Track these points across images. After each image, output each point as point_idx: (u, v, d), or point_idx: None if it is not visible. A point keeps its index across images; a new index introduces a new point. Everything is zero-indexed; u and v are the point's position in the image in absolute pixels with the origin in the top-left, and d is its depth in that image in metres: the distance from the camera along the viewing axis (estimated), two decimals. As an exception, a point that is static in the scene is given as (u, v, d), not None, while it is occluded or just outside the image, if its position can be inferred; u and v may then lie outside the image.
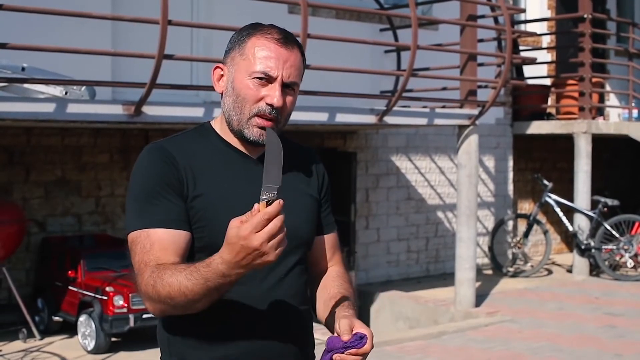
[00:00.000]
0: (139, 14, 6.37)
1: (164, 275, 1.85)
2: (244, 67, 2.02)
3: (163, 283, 1.84)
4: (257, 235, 1.70)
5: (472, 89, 8.26)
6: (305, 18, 6.36)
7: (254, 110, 2.02)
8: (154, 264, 1.91)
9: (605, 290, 9.51)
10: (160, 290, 1.84)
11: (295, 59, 2.04)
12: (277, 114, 2.02)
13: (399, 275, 10.14)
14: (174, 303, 1.85)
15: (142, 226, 1.96)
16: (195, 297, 1.82)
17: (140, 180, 2.01)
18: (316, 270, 2.24)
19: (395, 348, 6.78)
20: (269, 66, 2.00)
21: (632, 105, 11.45)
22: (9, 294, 7.08)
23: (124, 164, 7.93)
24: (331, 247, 2.26)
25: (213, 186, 2.02)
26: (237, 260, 1.74)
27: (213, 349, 2.01)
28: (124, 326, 6.44)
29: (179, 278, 1.82)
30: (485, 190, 11.06)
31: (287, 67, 2.01)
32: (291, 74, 2.02)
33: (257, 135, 2.03)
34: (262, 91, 2.01)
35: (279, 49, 2.01)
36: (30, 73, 5.86)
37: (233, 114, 2.05)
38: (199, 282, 1.79)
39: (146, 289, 1.89)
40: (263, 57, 2.00)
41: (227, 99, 2.06)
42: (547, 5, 12.51)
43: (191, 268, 1.82)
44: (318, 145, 9.24)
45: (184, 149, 2.05)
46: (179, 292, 1.82)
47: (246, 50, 2.02)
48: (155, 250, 1.93)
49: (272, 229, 1.70)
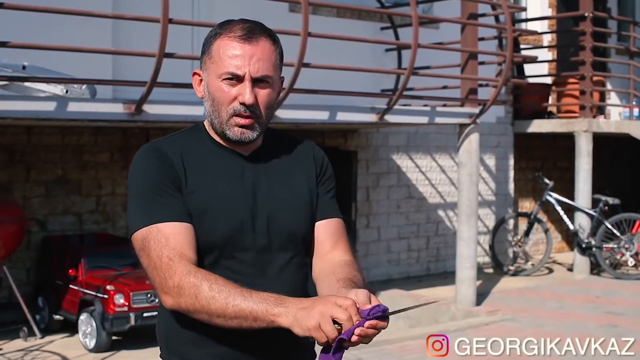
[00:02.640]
0: (139, 12, 6.37)
1: (215, 281, 1.87)
2: (214, 70, 2.04)
3: (212, 286, 1.86)
4: (336, 309, 1.74)
5: (472, 88, 8.25)
6: (306, 16, 6.36)
7: (230, 111, 2.04)
8: (179, 258, 1.91)
9: (606, 289, 9.51)
10: (205, 291, 1.85)
11: (262, 51, 2.03)
12: (254, 110, 2.03)
13: (399, 274, 10.14)
14: (208, 306, 1.86)
15: (150, 222, 1.97)
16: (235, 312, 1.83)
17: (141, 180, 2.02)
18: (317, 258, 2.17)
19: (395, 347, 6.78)
20: (235, 65, 2.01)
21: (633, 104, 11.43)
22: (9, 292, 7.08)
23: (125, 163, 7.92)
24: (334, 234, 2.17)
25: (205, 184, 2.04)
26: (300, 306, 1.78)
27: (211, 346, 2.02)
28: (125, 325, 6.44)
29: (231, 289, 1.85)
30: (486, 189, 11.05)
31: (253, 62, 2.01)
32: (259, 68, 2.02)
33: (239, 134, 2.05)
34: (233, 91, 2.03)
35: (242, 46, 2.01)
36: (31, 72, 5.86)
37: (213, 117, 2.07)
38: (252, 299, 1.82)
39: (181, 283, 1.88)
40: (228, 57, 2.02)
41: (207, 103, 2.10)
42: (548, 4, 12.50)
43: (249, 290, 1.85)
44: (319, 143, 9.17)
45: (178, 148, 2.07)
46: (224, 300, 1.84)
47: (213, 53, 2.05)
48: (173, 244, 1.93)
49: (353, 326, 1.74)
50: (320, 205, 2.18)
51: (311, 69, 6.78)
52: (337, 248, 2.16)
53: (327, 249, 2.16)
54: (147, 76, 5.81)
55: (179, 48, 6.55)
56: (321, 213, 2.17)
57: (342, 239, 2.18)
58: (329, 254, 2.15)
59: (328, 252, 2.15)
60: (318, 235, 2.16)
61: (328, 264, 2.12)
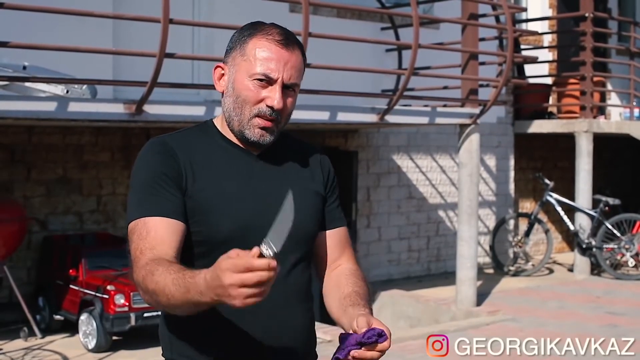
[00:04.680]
0: (140, 12, 6.37)
1: (155, 271, 1.83)
2: (245, 68, 2.02)
3: (152, 279, 1.83)
4: (231, 275, 1.62)
5: (473, 88, 8.25)
6: (307, 17, 6.36)
7: (254, 111, 2.02)
8: (149, 253, 1.90)
9: (606, 289, 9.51)
10: (148, 285, 1.83)
11: (296, 60, 2.04)
12: (277, 115, 2.03)
13: (400, 274, 10.14)
14: (157, 300, 1.84)
15: (140, 215, 1.97)
16: (176, 303, 1.79)
17: (142, 173, 2.03)
18: (323, 267, 2.21)
19: (396, 347, 6.78)
20: (270, 68, 2.00)
21: (634, 104, 11.44)
22: (10, 292, 7.08)
23: (125, 163, 7.93)
24: (339, 243, 2.22)
25: (213, 181, 2.03)
26: (211, 284, 1.68)
27: (215, 346, 2.02)
28: (125, 325, 6.44)
29: (166, 279, 1.79)
30: (487, 189, 11.05)
31: (287, 68, 2.01)
32: (292, 76, 2.02)
33: (258, 136, 2.04)
34: (262, 93, 2.01)
35: (280, 50, 2.01)
36: (31, 72, 5.87)
37: (234, 114, 2.05)
38: (180, 290, 1.76)
39: (137, 279, 1.89)
40: (264, 58, 2.00)
41: (228, 99, 2.07)
42: (549, 4, 12.50)
43: (179, 274, 1.78)
44: (319, 144, 9.23)
45: (186, 145, 2.07)
46: (163, 292, 1.80)
47: (247, 51, 2.02)
48: (151, 238, 1.93)
49: (247, 279, 1.61)
50: (328, 213, 2.21)
51: (312, 69, 6.75)
52: (342, 256, 2.22)
53: (334, 257, 2.21)
54: (148, 76, 5.81)
55: (179, 48, 6.55)
56: (329, 222, 2.20)
57: (347, 246, 2.24)
58: (334, 262, 2.20)
59: (335, 260, 2.21)
60: (324, 243, 2.20)
61: (334, 272, 2.18)
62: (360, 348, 1.83)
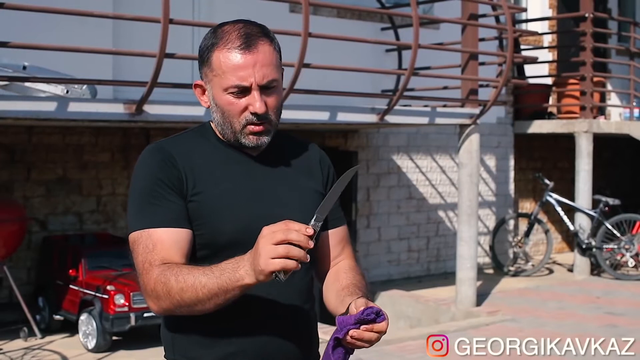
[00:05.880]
0: (140, 12, 6.37)
1: (179, 272, 1.86)
2: (218, 83, 2.02)
3: (177, 278, 1.85)
4: (272, 235, 1.73)
5: (473, 88, 8.25)
6: (307, 17, 6.36)
7: (243, 121, 2.02)
8: (160, 263, 1.91)
9: (606, 289, 9.51)
10: (174, 286, 1.85)
11: (264, 56, 2.00)
12: (265, 117, 2.02)
13: (399, 274, 10.14)
14: (181, 299, 1.85)
15: (142, 226, 1.97)
16: (207, 293, 1.82)
17: (141, 182, 2.02)
18: (324, 266, 2.21)
19: (396, 347, 6.79)
20: (240, 77, 1.98)
21: (634, 105, 11.44)
22: (10, 292, 7.09)
23: (125, 163, 7.93)
24: (340, 242, 2.22)
25: (212, 184, 2.03)
26: (252, 253, 1.76)
27: (218, 347, 2.01)
28: (125, 325, 6.44)
29: (194, 273, 1.84)
30: (487, 189, 11.05)
31: (257, 70, 1.98)
32: (265, 75, 1.99)
33: (255, 141, 2.04)
34: (242, 102, 2.00)
35: (243, 56, 1.98)
36: (31, 72, 5.87)
37: (225, 127, 2.05)
38: (215, 274, 1.81)
39: (155, 286, 1.89)
40: (231, 69, 1.98)
41: (215, 114, 2.07)
42: (549, 5, 12.50)
43: (208, 267, 1.85)
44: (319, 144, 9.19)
45: (184, 149, 2.06)
46: (192, 287, 1.83)
47: (214, 66, 2.02)
48: (159, 250, 1.94)
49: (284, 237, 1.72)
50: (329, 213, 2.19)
51: (312, 70, 6.78)
52: (342, 254, 2.23)
53: (335, 255, 2.22)
54: (148, 76, 5.81)
55: (179, 48, 6.55)
56: (330, 221, 2.20)
57: (347, 245, 2.25)
58: (334, 260, 2.22)
59: (335, 258, 2.22)
60: (325, 243, 2.20)
61: (333, 269, 2.20)
62: (359, 327, 1.82)
